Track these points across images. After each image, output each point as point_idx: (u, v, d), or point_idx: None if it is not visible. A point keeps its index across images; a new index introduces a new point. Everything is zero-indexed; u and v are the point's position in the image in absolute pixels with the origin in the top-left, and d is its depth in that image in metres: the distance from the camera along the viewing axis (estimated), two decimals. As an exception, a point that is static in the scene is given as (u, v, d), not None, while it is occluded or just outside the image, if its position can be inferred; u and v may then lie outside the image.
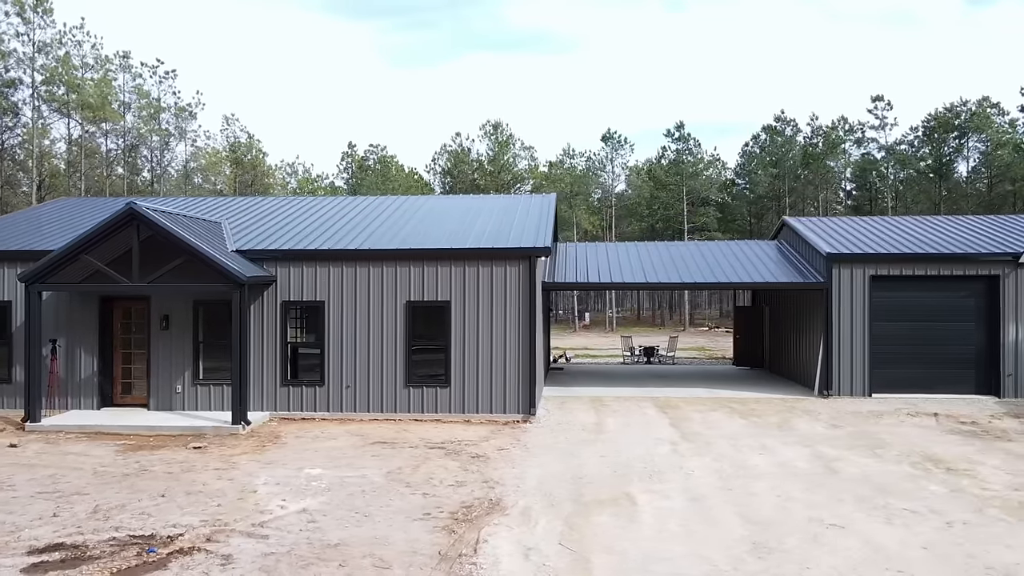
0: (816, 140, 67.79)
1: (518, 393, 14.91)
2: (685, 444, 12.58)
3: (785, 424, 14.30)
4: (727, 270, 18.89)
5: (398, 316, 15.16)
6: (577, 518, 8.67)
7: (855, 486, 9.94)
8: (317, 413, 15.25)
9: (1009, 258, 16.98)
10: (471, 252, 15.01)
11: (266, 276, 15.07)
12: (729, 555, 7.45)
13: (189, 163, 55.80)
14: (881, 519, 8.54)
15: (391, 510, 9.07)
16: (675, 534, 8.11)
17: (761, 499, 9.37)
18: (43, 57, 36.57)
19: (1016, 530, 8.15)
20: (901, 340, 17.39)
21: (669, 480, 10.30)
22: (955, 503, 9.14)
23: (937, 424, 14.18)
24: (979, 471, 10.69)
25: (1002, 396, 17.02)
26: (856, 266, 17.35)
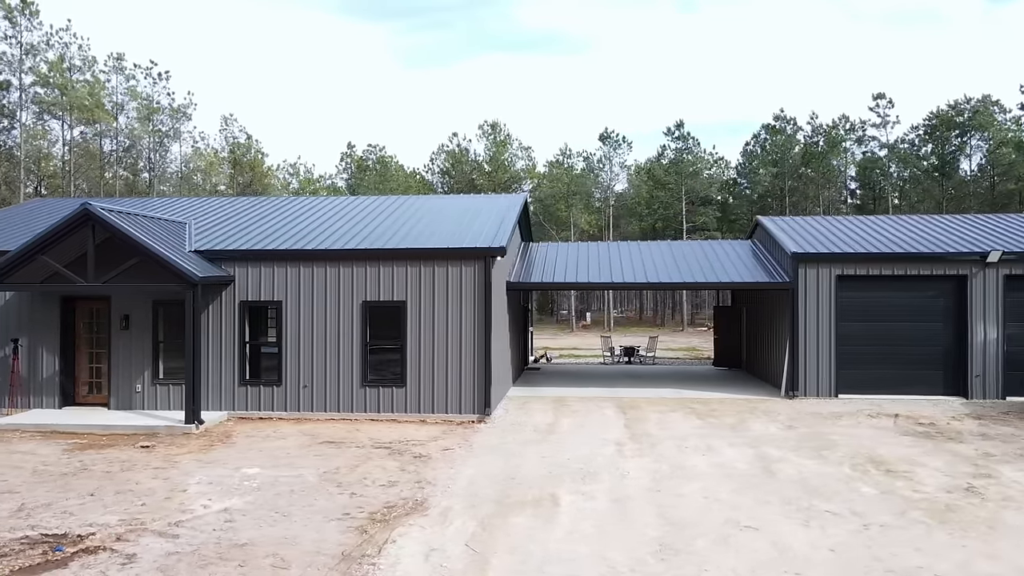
0: (817, 139, 67.37)
1: (473, 393, 14.87)
2: (632, 445, 12.51)
3: (740, 425, 14.19)
4: (695, 270, 18.78)
5: (355, 316, 15.16)
6: (494, 519, 8.63)
7: (787, 488, 9.84)
8: (275, 413, 15.28)
9: (976, 258, 16.78)
10: (426, 252, 15.00)
11: (222, 276, 15.11)
12: (631, 556, 7.39)
13: (189, 164, 56.21)
14: (799, 521, 8.45)
15: (312, 510, 9.07)
16: (587, 535, 8.06)
17: (687, 500, 9.30)
18: (31, 59, 36.92)
19: (932, 533, 8.04)
20: (869, 341, 17.22)
21: (601, 481, 10.23)
22: (881, 505, 9.04)
23: (894, 426, 14.03)
24: (918, 473, 10.57)
25: (970, 397, 16.82)
26: (822, 266, 17.20)
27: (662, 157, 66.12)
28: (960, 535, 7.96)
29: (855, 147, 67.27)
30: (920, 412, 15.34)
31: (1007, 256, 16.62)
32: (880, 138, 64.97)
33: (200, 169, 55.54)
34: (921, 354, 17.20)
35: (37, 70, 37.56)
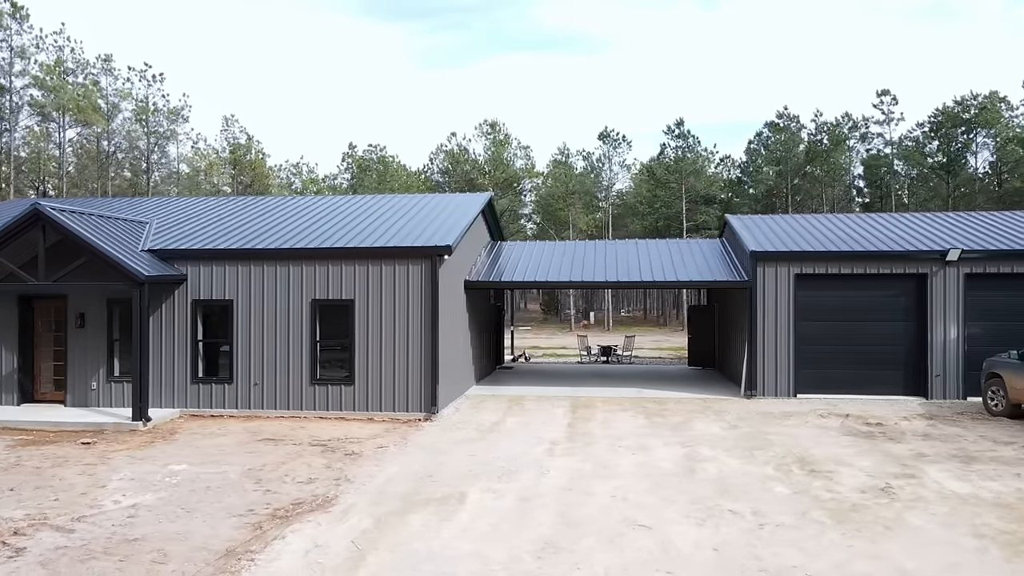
0: (821, 136, 66.78)
1: (420, 391, 14.91)
2: (566, 444, 12.48)
3: (684, 424, 14.11)
4: (655, 269, 18.70)
5: (304, 315, 15.25)
6: (392, 516, 8.65)
7: (701, 487, 9.78)
8: (226, 410, 15.41)
9: (936, 256, 16.56)
10: (374, 251, 15.05)
11: (173, 275, 15.25)
12: (510, 555, 7.38)
13: (191, 164, 56.76)
14: (696, 521, 8.40)
15: (219, 506, 9.14)
16: (477, 534, 8.05)
17: (594, 500, 9.26)
18: (22, 62, 37.50)
19: (824, 534, 7.95)
20: (828, 340, 17.07)
21: (518, 480, 10.22)
22: (787, 505, 8.95)
23: (840, 426, 13.89)
24: (841, 473, 10.46)
25: (930, 397, 16.62)
26: (781, 264, 17.05)
27: (662, 156, 65.85)
28: (852, 536, 7.87)
29: (859, 145, 66.69)
30: (873, 412, 15.18)
31: (967, 254, 16.40)
32: (884, 135, 64.42)
33: (201, 170, 56.08)
34: (882, 354, 17.01)
35: (29, 72, 38.12)
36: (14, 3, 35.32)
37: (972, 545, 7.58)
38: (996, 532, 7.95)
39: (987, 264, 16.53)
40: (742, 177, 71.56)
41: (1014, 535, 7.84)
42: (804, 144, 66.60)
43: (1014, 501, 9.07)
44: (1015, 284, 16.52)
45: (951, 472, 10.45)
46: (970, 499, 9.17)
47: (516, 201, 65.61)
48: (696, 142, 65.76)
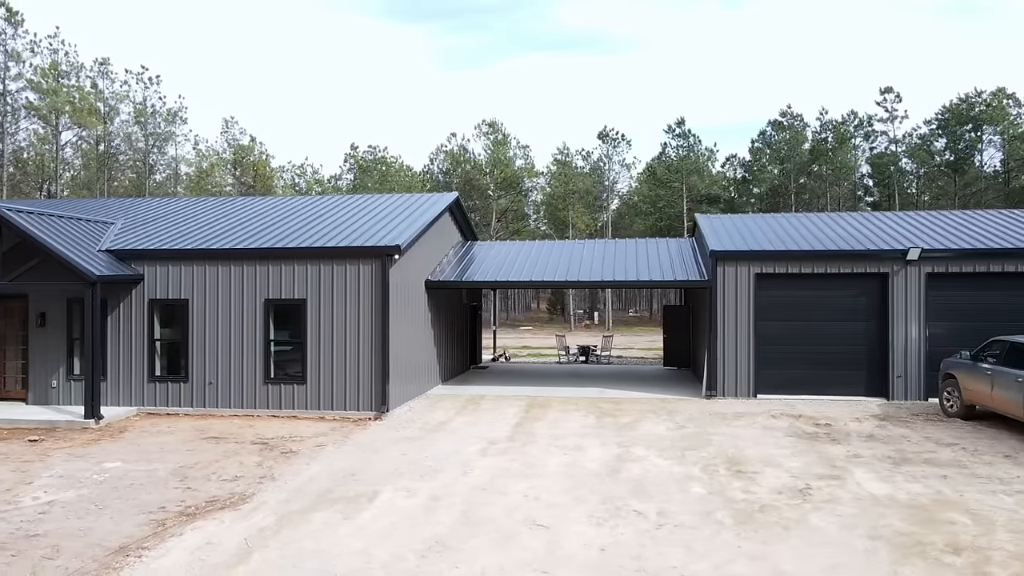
0: (825, 135, 66.17)
1: (371, 391, 14.96)
2: (504, 444, 12.48)
3: (632, 425, 14.05)
4: (618, 269, 18.63)
5: (257, 314, 15.36)
6: (297, 514, 8.70)
7: (618, 487, 9.74)
8: (181, 409, 15.55)
9: (898, 255, 16.37)
10: (325, 251, 15.12)
11: (127, 275, 15.42)
12: (395, 553, 7.40)
13: (191, 166, 57.33)
14: (597, 521, 8.36)
15: (134, 503, 9.23)
16: (373, 532, 8.07)
17: (505, 499, 9.25)
18: (16, 66, 38.05)
19: (719, 535, 7.89)
20: (790, 340, 16.93)
21: (438, 479, 10.23)
22: (697, 506, 8.89)
23: (788, 427, 13.76)
24: (765, 474, 10.37)
25: (891, 398, 16.44)
26: (741, 264, 16.93)
27: (663, 155, 65.56)
28: (746, 537, 7.81)
29: (864, 143, 66.01)
30: (827, 413, 15.03)
31: (927, 254, 16.20)
32: (888, 133, 63.70)
33: (203, 171, 56.58)
34: (843, 354, 16.84)
35: (23, 75, 38.72)
36: (9, 8, 35.92)
37: (863, 547, 7.49)
38: (894, 534, 7.86)
39: (949, 264, 16.32)
40: (747, 176, 71.00)
41: (911, 537, 7.74)
42: (808, 142, 66.04)
43: (928, 503, 8.96)
44: (977, 283, 16.30)
45: (878, 474, 10.33)
46: (884, 500, 9.06)
47: (518, 201, 65.57)
48: (697, 141, 65.47)
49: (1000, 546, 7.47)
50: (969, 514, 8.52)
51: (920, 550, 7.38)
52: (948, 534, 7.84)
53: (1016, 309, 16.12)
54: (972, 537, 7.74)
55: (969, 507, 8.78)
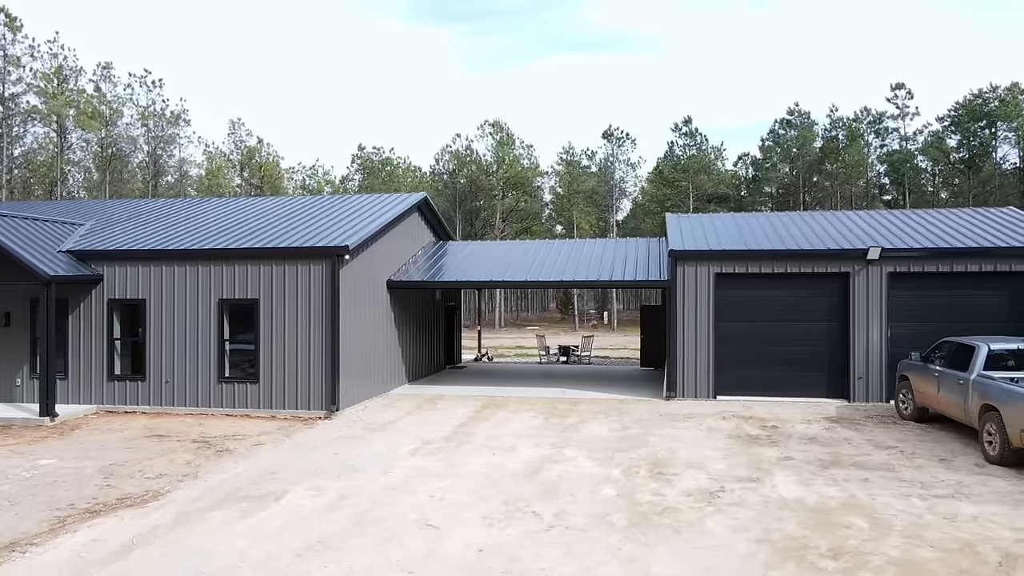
0: (836, 132, 65.31)
1: (322, 390, 15.04)
2: (439, 443, 12.48)
3: (576, 425, 13.98)
4: (581, 269, 18.54)
5: (212, 314, 15.52)
6: (197, 513, 8.77)
7: (529, 488, 9.69)
8: (139, 407, 15.77)
9: (858, 254, 16.10)
10: (277, 251, 15.24)
11: (84, 275, 15.65)
12: (272, 552, 7.43)
13: (200, 168, 58.10)
14: (490, 522, 8.33)
15: (46, 500, 9.37)
16: (263, 531, 8.11)
17: (409, 499, 9.25)
18: (17, 71, 38.85)
19: (605, 537, 7.82)
20: (751, 341, 16.73)
21: (353, 479, 10.26)
22: (599, 507, 8.82)
23: (733, 428, 13.60)
24: (685, 476, 10.26)
25: (852, 400, 16.18)
26: (700, 264, 16.76)
27: (670, 155, 65.12)
28: (631, 540, 7.73)
29: (876, 140, 65.01)
30: (781, 415, 14.83)
31: (888, 253, 15.92)
32: (900, 130, 62.67)
33: (210, 172, 57.32)
34: (805, 355, 16.60)
35: (23, 79, 39.50)
36: (8, 14, 36.67)
37: (745, 551, 7.39)
38: (783, 538, 7.74)
39: (911, 263, 16.02)
40: (757, 175, 70.27)
41: (797, 541, 7.62)
42: (818, 140, 65.21)
43: (835, 507, 8.81)
44: (940, 284, 15.98)
45: (799, 477, 10.18)
46: (791, 504, 8.92)
47: (523, 201, 65.48)
48: (704, 140, 64.93)
49: (884, 551, 7.33)
50: (871, 518, 8.36)
51: (800, 554, 7.26)
52: (837, 539, 7.70)
53: (979, 309, 15.80)
54: (860, 542, 7.60)
55: (875, 511, 8.62)
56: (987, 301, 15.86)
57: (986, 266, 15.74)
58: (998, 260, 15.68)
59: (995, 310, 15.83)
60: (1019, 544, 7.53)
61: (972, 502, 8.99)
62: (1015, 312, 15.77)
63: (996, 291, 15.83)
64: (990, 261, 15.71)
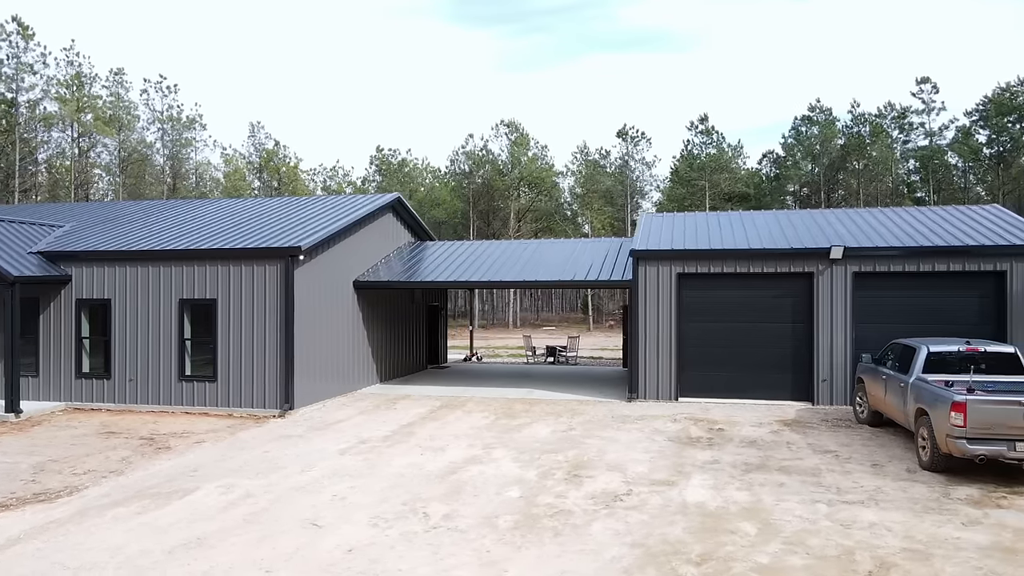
0: (859, 129, 63.87)
1: (276, 389, 15.22)
2: (374, 443, 12.52)
3: (522, 427, 13.89)
4: (548, 269, 18.43)
5: (173, 313, 15.81)
6: (98, 509, 8.93)
7: (436, 489, 9.65)
8: (105, 404, 16.14)
9: (822, 253, 15.71)
10: (233, 252, 15.45)
11: (50, 275, 16.06)
12: (146, 549, 7.53)
13: (218, 170, 59.32)
14: (376, 522, 8.32)
15: (-38, 495, 9.66)
16: (153, 528, 8.23)
17: (311, 498, 9.30)
18: (31, 77, 40.14)
19: (481, 539, 7.76)
20: (715, 342, 16.45)
21: (269, 478, 10.34)
22: (494, 509, 8.75)
23: (678, 431, 13.38)
24: (599, 479, 10.11)
25: (816, 403, 15.80)
26: (663, 263, 16.54)
27: (686, 153, 64.36)
28: (507, 542, 7.66)
29: (901, 135, 63.38)
30: (735, 418, 14.55)
31: (852, 252, 15.50)
32: (925, 125, 60.97)
33: (228, 175, 58.45)
34: (769, 357, 16.27)
35: (37, 85, 40.81)
36: (20, 23, 37.97)
37: (612, 555, 7.27)
38: (660, 543, 7.59)
39: (876, 263, 15.58)
40: (779, 173, 69.07)
41: (673, 547, 7.47)
42: (841, 137, 63.82)
43: (734, 512, 8.62)
44: (907, 284, 15.51)
45: (716, 481, 9.97)
46: (690, 508, 8.75)
47: (539, 200, 65.34)
48: (721, 138, 64.01)
49: (754, 558, 7.14)
50: (763, 524, 8.16)
51: (665, 560, 7.12)
52: (715, 545, 7.53)
53: (949, 311, 15.30)
54: (736, 548, 7.42)
55: (771, 517, 8.41)
56: (957, 302, 15.34)
57: (955, 265, 15.23)
58: (967, 259, 15.17)
59: (966, 311, 15.31)
60: (901, 553, 7.28)
61: (879, 509, 8.72)
62: (987, 313, 15.25)
63: (966, 291, 15.31)
64: (958, 260, 15.20)
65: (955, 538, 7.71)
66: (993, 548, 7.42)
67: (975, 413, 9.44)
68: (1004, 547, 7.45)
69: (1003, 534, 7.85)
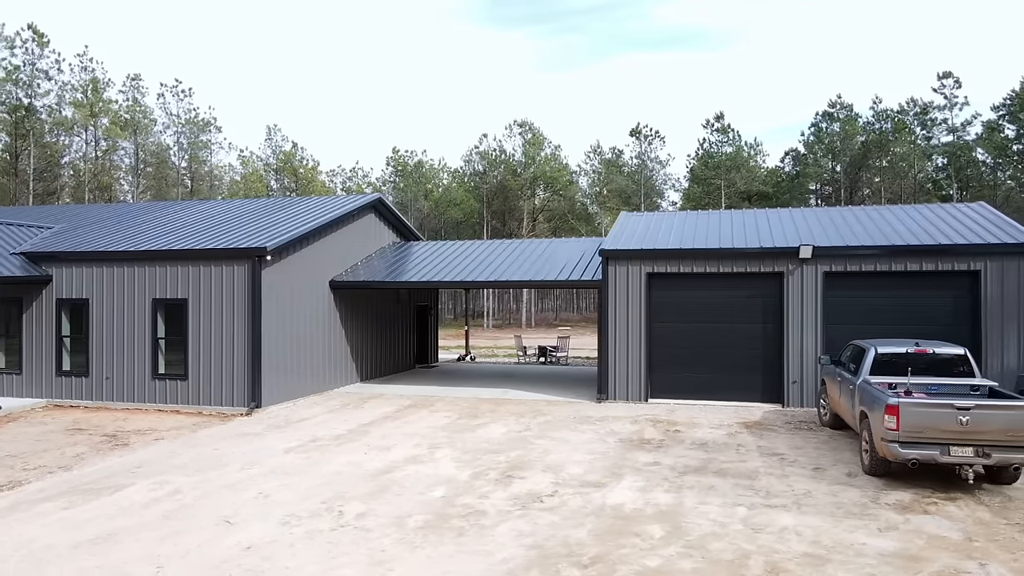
0: (881, 125, 62.57)
1: (244, 387, 15.44)
2: (324, 442, 12.61)
3: (480, 427, 13.89)
4: (520, 269, 18.39)
5: (146, 313, 16.13)
6: (28, 504, 9.15)
7: (363, 487, 9.70)
8: (83, 401, 16.53)
9: (792, 253, 15.44)
10: (203, 252, 15.70)
11: (31, 275, 16.49)
12: (51, 544, 7.70)
13: (230, 174, 60.33)
14: (288, 521, 8.39)
15: (-91, 488, 9.98)
16: (71, 523, 8.41)
17: (235, 496, 9.42)
18: (48, 82, 41.25)
19: (381, 539, 7.79)
20: (686, 343, 16.27)
21: (208, 474, 10.50)
22: (408, 509, 8.77)
23: (632, 432, 13.25)
24: (530, 480, 10.06)
25: (786, 405, 15.53)
26: (632, 263, 16.41)
27: (702, 151, 63.68)
28: (406, 542, 7.66)
29: (923, 132, 61.91)
30: (697, 419, 14.38)
31: (822, 251, 15.21)
32: (948, 121, 59.43)
33: (245, 177, 59.45)
34: (740, 358, 16.04)
35: (52, 91, 41.95)
36: (36, 31, 39.08)
37: (502, 557, 7.23)
38: (558, 545, 7.54)
39: (847, 262, 15.26)
40: (799, 170, 67.97)
41: (569, 549, 7.41)
42: (862, 134, 62.59)
43: (649, 514, 8.52)
44: (879, 283, 15.17)
45: (646, 483, 9.87)
46: (607, 510, 8.68)
47: (554, 200, 65.24)
48: (737, 136, 63.19)
49: (645, 561, 7.06)
50: (673, 527, 8.07)
51: (553, 563, 7.07)
52: (612, 547, 7.46)
53: (923, 311, 14.93)
54: (631, 551, 7.34)
55: (685, 520, 8.30)
56: (932, 302, 14.97)
57: (927, 265, 14.86)
58: (940, 259, 14.79)
59: (940, 312, 14.93)
60: (798, 559, 7.14)
61: (800, 513, 8.56)
62: (962, 314, 14.85)
63: (940, 292, 14.93)
64: (931, 260, 14.83)
65: (861, 544, 7.54)
66: (896, 555, 7.24)
67: (908, 416, 9.20)
68: (908, 555, 7.26)
69: (914, 541, 7.65)
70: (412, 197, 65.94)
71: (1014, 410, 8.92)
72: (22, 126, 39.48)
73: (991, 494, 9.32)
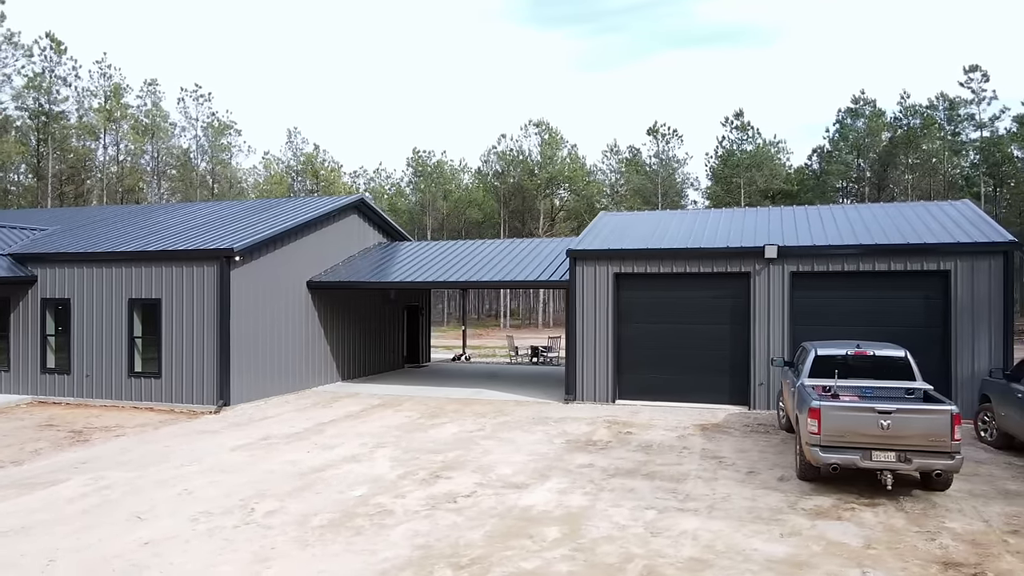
0: (909, 121, 60.99)
1: (214, 385, 15.74)
2: (275, 440, 12.81)
3: (435, 427, 13.95)
4: (491, 270, 18.40)
5: (123, 312, 16.56)
6: (-36, 496, 9.53)
7: (290, 486, 9.85)
8: (65, 398, 17.03)
9: (758, 252, 15.17)
10: (175, 253, 16.06)
11: (16, 276, 17.05)
12: (-33, 535, 8.01)
13: (252, 177, 61.44)
14: (196, 519, 8.56)
15: None
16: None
17: (160, 492, 9.62)
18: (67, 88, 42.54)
19: (277, 536, 7.89)
20: (654, 344, 16.12)
21: (146, 471, 10.74)
22: (320, 507, 8.89)
23: (584, 433, 13.18)
24: (456, 480, 10.10)
25: (753, 407, 15.28)
26: (600, 263, 16.30)
27: (721, 150, 62.81)
28: (298, 540, 7.76)
29: (950, 127, 60.15)
30: (656, 421, 14.23)
31: (789, 251, 14.92)
32: (975, 116, 57.64)
33: (267, 179, 60.50)
34: (708, 360, 15.82)
35: (71, 96, 43.25)
36: (53, 38, 40.41)
37: (384, 557, 7.27)
38: (447, 546, 7.55)
39: (815, 262, 14.94)
40: (824, 168, 66.62)
41: (455, 550, 7.42)
42: (888, 130, 61.11)
43: (555, 516, 8.48)
44: (848, 283, 14.82)
45: (570, 485, 9.82)
46: (515, 511, 8.66)
47: (571, 200, 65.03)
48: (757, 133, 62.19)
49: (521, 564, 7.03)
50: (571, 529, 8.02)
51: (431, 563, 7.09)
52: (502, 547, 7.45)
53: (892, 312, 14.55)
54: (517, 552, 7.32)
55: (587, 522, 8.24)
56: (902, 303, 14.58)
57: (896, 265, 14.47)
58: (909, 258, 14.39)
59: (911, 313, 14.53)
60: (681, 563, 7.04)
61: (708, 517, 8.43)
62: (932, 315, 14.43)
63: (911, 292, 14.53)
64: (900, 259, 14.44)
65: (752, 550, 7.40)
66: (782, 562, 7.10)
67: (829, 420, 9.00)
68: (795, 561, 7.11)
69: (810, 547, 7.49)
70: (431, 198, 66.39)
71: (934, 414, 8.66)
72: (44, 131, 40.89)
73: (916, 501, 9.06)
